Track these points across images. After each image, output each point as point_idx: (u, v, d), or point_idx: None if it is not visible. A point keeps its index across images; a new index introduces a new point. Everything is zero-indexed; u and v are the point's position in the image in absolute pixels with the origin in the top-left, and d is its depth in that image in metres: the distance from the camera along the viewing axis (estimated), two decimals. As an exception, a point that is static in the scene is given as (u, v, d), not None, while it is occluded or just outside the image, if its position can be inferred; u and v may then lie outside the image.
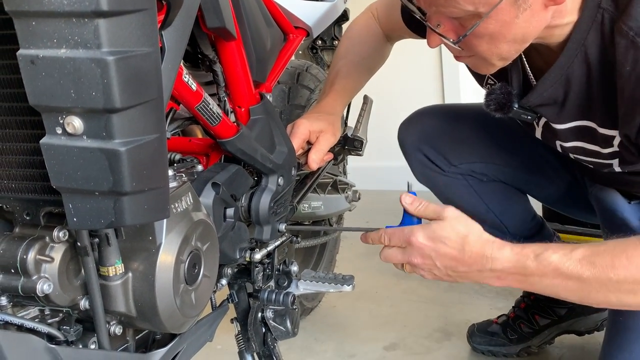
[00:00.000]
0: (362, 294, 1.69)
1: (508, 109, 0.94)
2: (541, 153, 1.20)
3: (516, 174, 1.23)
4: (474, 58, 0.86)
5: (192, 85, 0.80)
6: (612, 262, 0.76)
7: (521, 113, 0.95)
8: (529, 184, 1.24)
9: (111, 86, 0.50)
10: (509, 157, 1.22)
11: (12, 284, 0.64)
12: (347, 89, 1.18)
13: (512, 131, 1.19)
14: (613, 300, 0.77)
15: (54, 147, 0.53)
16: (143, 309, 0.72)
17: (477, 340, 1.37)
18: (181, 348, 0.83)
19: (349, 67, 1.19)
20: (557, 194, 1.23)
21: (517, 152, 1.21)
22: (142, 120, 0.54)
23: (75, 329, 0.70)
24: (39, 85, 0.51)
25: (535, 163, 1.21)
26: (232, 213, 0.90)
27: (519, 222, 1.26)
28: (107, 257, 0.69)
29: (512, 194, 1.26)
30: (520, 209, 1.28)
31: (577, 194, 1.20)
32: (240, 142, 0.90)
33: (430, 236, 0.83)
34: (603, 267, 0.76)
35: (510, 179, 1.24)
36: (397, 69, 2.69)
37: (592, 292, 0.77)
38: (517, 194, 1.27)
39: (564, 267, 0.78)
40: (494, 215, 1.25)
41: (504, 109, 0.94)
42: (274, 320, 1.00)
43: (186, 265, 0.76)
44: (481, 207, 1.23)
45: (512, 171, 1.23)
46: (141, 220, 0.59)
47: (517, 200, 1.27)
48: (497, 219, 1.25)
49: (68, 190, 0.55)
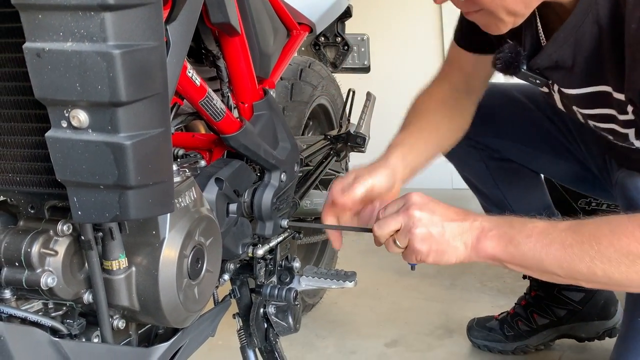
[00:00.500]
0: (363, 291, 1.69)
1: (515, 69, 0.91)
2: (559, 132, 1.18)
3: (531, 152, 1.22)
4: (482, 13, 0.83)
5: (196, 80, 0.80)
6: (595, 232, 0.76)
7: (529, 76, 0.93)
8: (543, 162, 1.23)
9: (117, 80, 0.50)
10: (524, 135, 1.21)
11: (17, 277, 0.64)
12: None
13: (531, 109, 1.18)
14: (599, 273, 0.75)
15: (59, 140, 0.54)
16: (146, 303, 0.72)
17: (474, 334, 1.38)
18: (183, 343, 0.83)
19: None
20: (574, 173, 1.22)
21: (534, 130, 1.20)
22: (148, 114, 0.54)
23: (79, 323, 0.71)
24: (45, 78, 0.51)
25: (552, 142, 1.20)
26: (235, 208, 0.91)
27: (526, 207, 1.25)
28: (110, 251, 0.69)
29: (524, 177, 1.25)
30: (531, 195, 1.27)
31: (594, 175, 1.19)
32: (243, 138, 0.90)
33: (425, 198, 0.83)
34: (587, 235, 0.76)
35: (523, 158, 1.23)
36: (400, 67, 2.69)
37: (576, 261, 0.76)
38: (530, 179, 1.26)
39: (547, 231, 0.78)
40: (501, 193, 1.24)
41: (510, 69, 0.91)
42: (276, 315, 1.00)
43: (189, 260, 0.76)
44: (490, 184, 1.23)
45: (526, 149, 1.22)
46: (146, 214, 0.59)
47: (529, 185, 1.26)
48: (503, 198, 1.25)
49: (73, 184, 0.55)
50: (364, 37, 1.63)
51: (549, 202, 1.31)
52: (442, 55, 2.69)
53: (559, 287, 1.32)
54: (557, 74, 0.92)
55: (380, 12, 2.61)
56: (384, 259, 1.94)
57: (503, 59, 0.91)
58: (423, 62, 2.73)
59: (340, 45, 1.58)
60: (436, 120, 1.06)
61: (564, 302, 1.32)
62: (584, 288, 1.31)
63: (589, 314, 1.31)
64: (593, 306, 1.31)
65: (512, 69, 0.92)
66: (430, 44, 2.67)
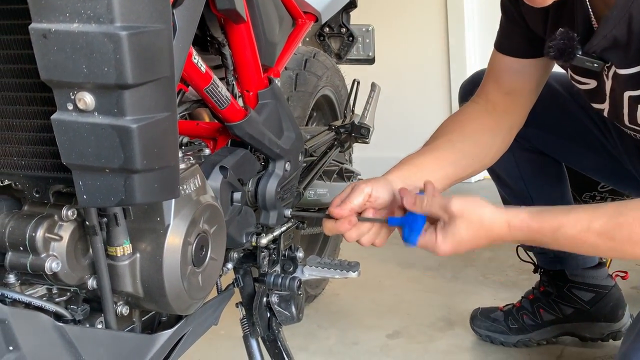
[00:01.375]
0: (365, 283, 1.69)
1: (569, 55, 0.89)
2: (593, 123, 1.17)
3: (562, 142, 1.21)
4: None
5: (201, 67, 0.79)
6: (630, 236, 0.75)
7: (586, 60, 0.90)
8: (573, 153, 1.22)
9: (123, 62, 0.50)
10: (557, 124, 1.19)
11: (21, 262, 0.64)
12: None
13: (566, 99, 1.17)
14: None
15: (65, 123, 0.53)
16: (150, 289, 0.72)
17: (477, 324, 1.37)
18: (187, 330, 0.83)
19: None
20: (604, 167, 1.21)
21: (567, 120, 1.18)
22: (154, 98, 0.54)
23: (83, 309, 0.71)
24: (51, 59, 0.51)
25: (584, 133, 1.18)
26: (239, 197, 0.90)
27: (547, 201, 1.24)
28: (115, 237, 0.69)
29: (550, 171, 1.25)
30: (554, 190, 1.26)
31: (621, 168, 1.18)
32: (248, 126, 0.90)
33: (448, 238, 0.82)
34: (620, 241, 0.76)
35: (553, 147, 1.22)
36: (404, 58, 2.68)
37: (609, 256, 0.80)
38: (555, 174, 1.26)
39: (581, 241, 0.78)
40: (524, 185, 1.24)
41: (564, 55, 0.89)
42: (279, 305, 1.00)
43: (194, 247, 0.76)
44: (514, 175, 1.21)
45: (558, 139, 1.20)
46: (151, 199, 0.59)
47: (553, 179, 1.25)
48: (526, 191, 1.24)
49: (78, 167, 0.55)
50: (369, 28, 1.62)
51: (570, 199, 1.30)
52: (447, 47, 2.68)
53: (570, 284, 1.31)
54: (613, 54, 0.89)
55: (385, 2, 2.60)
56: (387, 251, 1.94)
57: (556, 46, 0.89)
58: (427, 53, 2.73)
59: (345, 36, 1.58)
60: (455, 140, 1.00)
61: (572, 301, 1.31)
62: (595, 288, 1.30)
63: (597, 315, 1.30)
64: (601, 307, 1.30)
65: (566, 55, 0.89)
66: (434, 35, 2.66)
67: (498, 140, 1.04)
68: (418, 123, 2.85)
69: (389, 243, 0.95)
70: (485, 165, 1.07)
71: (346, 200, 0.87)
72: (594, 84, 0.98)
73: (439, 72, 2.69)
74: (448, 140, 1.00)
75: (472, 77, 1.27)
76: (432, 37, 2.66)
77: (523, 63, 1.03)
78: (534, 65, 1.04)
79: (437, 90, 2.71)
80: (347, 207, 0.86)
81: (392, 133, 2.48)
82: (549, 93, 1.17)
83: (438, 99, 2.70)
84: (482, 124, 1.03)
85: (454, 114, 1.09)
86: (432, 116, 2.74)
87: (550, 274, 1.33)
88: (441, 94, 2.70)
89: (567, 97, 1.18)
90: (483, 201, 0.82)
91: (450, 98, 2.68)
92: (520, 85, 1.05)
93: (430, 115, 2.76)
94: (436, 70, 2.69)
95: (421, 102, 2.72)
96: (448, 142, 1.00)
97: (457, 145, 1.00)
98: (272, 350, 1.03)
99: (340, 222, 0.86)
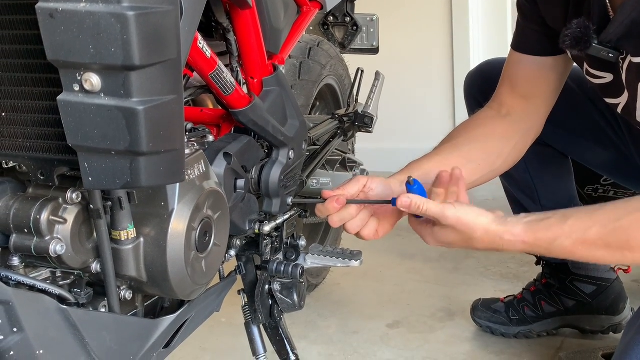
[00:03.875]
0: (366, 273, 1.69)
1: (585, 44, 0.88)
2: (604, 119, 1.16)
3: (571, 136, 1.20)
4: None
5: (206, 52, 0.79)
6: (628, 241, 0.75)
7: (601, 50, 0.89)
8: (578, 147, 1.21)
9: (131, 42, 0.50)
10: (568, 119, 1.18)
11: (26, 244, 0.64)
12: None
13: (578, 94, 1.16)
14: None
15: (71, 104, 0.53)
16: (154, 274, 0.72)
17: (478, 315, 1.37)
18: (190, 316, 0.83)
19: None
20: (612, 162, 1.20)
21: (577, 115, 1.18)
22: (160, 80, 0.54)
23: (86, 292, 0.71)
24: (58, 39, 0.50)
25: (594, 128, 1.18)
26: (243, 184, 0.90)
27: (553, 196, 1.23)
28: (119, 221, 0.69)
29: (557, 166, 1.24)
30: (560, 184, 1.26)
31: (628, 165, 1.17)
32: (252, 113, 0.89)
33: (437, 239, 0.83)
34: (618, 247, 0.76)
35: (562, 141, 1.21)
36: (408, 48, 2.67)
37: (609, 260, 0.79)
38: (562, 169, 1.25)
39: (578, 252, 0.78)
40: (530, 179, 1.23)
41: (580, 44, 0.88)
42: (281, 292, 1.00)
43: (197, 233, 0.76)
44: (521, 168, 1.18)
45: (567, 133, 1.19)
46: (156, 182, 0.58)
47: (560, 174, 1.25)
48: (532, 184, 1.23)
49: (84, 149, 0.55)
50: (374, 18, 1.61)
51: (574, 194, 1.29)
52: (451, 37, 2.67)
53: (572, 277, 1.31)
54: (629, 41, 0.89)
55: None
56: (388, 242, 1.94)
57: (572, 35, 0.88)
58: (431, 43, 2.72)
59: (349, 26, 1.57)
60: (461, 144, 0.99)
61: (574, 293, 1.31)
62: (597, 281, 1.30)
63: (598, 308, 1.31)
64: (603, 300, 1.30)
65: (582, 44, 0.88)
66: (438, 25, 2.65)
67: (509, 146, 1.02)
68: (420, 114, 2.85)
69: (390, 235, 0.95)
70: (496, 171, 1.04)
71: (341, 187, 0.90)
72: (610, 77, 0.97)
73: (443, 63, 2.68)
74: (454, 144, 1.00)
75: (479, 68, 1.27)
76: (436, 27, 2.65)
77: (541, 62, 1.02)
78: (551, 65, 1.02)
79: (440, 80, 2.70)
80: (339, 191, 0.88)
81: (394, 124, 2.48)
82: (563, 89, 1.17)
83: (441, 89, 2.70)
84: (492, 129, 1.02)
85: (466, 120, 1.08)
86: (435, 107, 2.75)
87: (553, 266, 1.33)
88: (444, 85, 2.70)
89: (577, 91, 1.17)
90: (479, 212, 0.81)
91: (453, 88, 2.67)
92: (537, 88, 1.03)
93: (433, 106, 2.76)
94: (440, 60, 2.68)
95: (424, 93, 2.71)
96: (454, 147, 0.99)
97: (464, 149, 0.99)
98: (273, 337, 1.03)
99: (329, 201, 0.87)
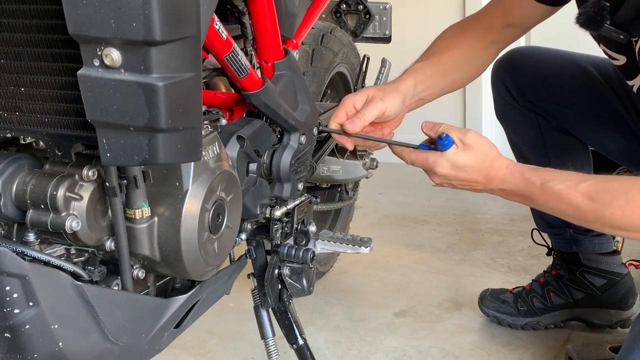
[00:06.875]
0: (373, 262, 1.70)
1: (598, 23, 0.90)
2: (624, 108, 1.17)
3: (590, 125, 1.21)
4: None
5: (222, 33, 0.79)
6: (611, 201, 0.78)
7: (612, 31, 0.91)
8: (600, 137, 1.22)
9: (152, 17, 0.50)
10: (587, 106, 1.20)
11: (42, 220, 0.64)
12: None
13: (599, 82, 1.18)
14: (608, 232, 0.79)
15: (91, 79, 0.53)
16: (167, 253, 0.73)
17: (486, 304, 1.37)
18: (201, 297, 0.83)
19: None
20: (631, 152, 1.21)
21: (598, 103, 1.19)
22: (180, 57, 0.54)
23: (100, 270, 0.71)
24: (79, 13, 0.50)
25: (614, 117, 1.19)
26: (255, 168, 0.90)
27: None
28: (134, 200, 0.69)
29: (575, 152, 1.25)
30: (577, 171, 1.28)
31: None
32: (264, 96, 0.89)
33: (453, 165, 0.86)
34: (601, 204, 0.79)
35: (581, 129, 1.23)
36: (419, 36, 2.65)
37: (590, 222, 0.83)
38: (580, 156, 1.26)
39: (565, 198, 0.82)
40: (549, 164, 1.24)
41: (593, 23, 0.91)
42: (290, 277, 1.01)
43: (210, 214, 0.76)
44: (540, 152, 1.24)
45: (587, 120, 1.21)
46: (174, 159, 0.59)
47: (577, 161, 1.25)
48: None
49: (103, 125, 0.55)
50: (387, 6, 1.60)
51: None
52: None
53: (582, 269, 1.31)
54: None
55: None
56: (395, 232, 1.95)
57: (585, 14, 0.90)
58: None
59: (362, 14, 1.56)
60: (459, 58, 1.05)
61: (584, 285, 1.31)
62: (607, 275, 1.30)
63: (607, 302, 1.30)
64: (613, 294, 1.30)
65: (594, 24, 0.91)
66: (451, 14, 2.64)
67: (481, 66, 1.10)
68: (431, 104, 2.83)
69: (398, 225, 0.96)
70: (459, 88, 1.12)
71: (359, 116, 0.92)
72: (623, 60, 0.97)
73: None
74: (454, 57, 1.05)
75: (509, 55, 1.26)
76: (449, 16, 2.64)
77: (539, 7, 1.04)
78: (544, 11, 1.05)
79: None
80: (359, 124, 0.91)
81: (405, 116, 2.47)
82: (583, 75, 1.18)
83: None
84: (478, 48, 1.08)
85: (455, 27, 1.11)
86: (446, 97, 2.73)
87: (564, 257, 1.33)
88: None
89: (600, 80, 1.18)
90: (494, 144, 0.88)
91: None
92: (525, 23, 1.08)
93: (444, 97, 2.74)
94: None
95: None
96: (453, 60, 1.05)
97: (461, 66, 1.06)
98: (282, 321, 1.04)
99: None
